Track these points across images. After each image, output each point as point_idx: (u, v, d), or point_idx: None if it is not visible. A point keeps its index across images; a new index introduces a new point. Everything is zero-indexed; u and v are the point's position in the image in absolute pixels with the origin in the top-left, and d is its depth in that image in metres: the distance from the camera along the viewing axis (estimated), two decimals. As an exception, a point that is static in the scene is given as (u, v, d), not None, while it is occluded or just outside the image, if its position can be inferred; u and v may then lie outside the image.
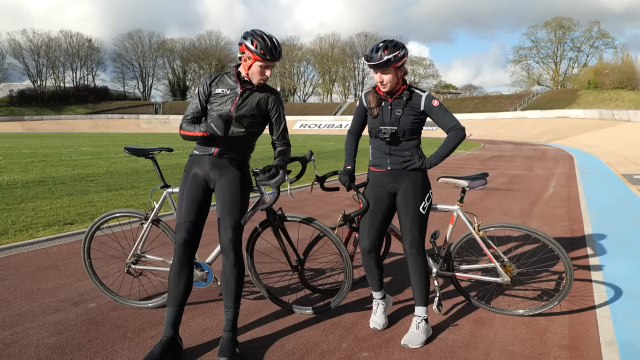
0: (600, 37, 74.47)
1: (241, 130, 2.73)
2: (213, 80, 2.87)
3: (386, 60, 2.73)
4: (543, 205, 7.76)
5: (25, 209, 6.73)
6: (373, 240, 2.99)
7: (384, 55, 2.73)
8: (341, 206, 7.25)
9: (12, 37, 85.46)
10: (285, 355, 2.65)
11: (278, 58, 2.76)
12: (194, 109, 2.85)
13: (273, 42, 2.72)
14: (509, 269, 3.09)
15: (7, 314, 3.12)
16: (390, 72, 2.79)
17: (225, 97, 2.81)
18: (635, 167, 14.11)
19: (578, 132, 39.39)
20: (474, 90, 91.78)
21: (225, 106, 2.79)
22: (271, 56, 2.71)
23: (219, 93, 2.83)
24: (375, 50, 2.78)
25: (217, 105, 2.81)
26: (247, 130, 2.81)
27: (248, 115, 2.81)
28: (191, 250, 2.73)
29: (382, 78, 2.82)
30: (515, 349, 2.74)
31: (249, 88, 2.83)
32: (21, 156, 17.12)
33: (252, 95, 2.84)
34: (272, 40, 2.73)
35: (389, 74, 2.80)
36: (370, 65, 2.82)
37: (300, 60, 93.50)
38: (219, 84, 2.86)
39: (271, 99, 2.89)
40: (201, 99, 2.85)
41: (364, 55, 2.86)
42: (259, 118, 2.87)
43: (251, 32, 2.74)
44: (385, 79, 2.81)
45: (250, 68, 2.76)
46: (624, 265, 4.34)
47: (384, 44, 2.78)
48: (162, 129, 76.18)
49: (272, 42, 2.72)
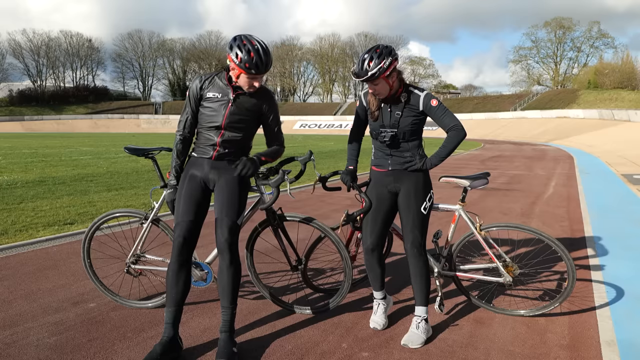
0: (600, 37, 74.52)
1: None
2: (204, 82, 2.78)
3: (371, 75, 2.69)
4: (543, 205, 7.75)
5: (25, 209, 6.73)
6: (376, 238, 2.99)
7: (369, 70, 2.68)
8: (342, 206, 7.25)
9: (12, 37, 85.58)
10: (285, 355, 2.65)
11: (265, 70, 2.63)
12: (187, 118, 2.83)
13: (259, 54, 2.58)
14: (510, 269, 3.09)
15: (7, 314, 3.12)
16: (379, 82, 2.76)
17: (217, 103, 2.75)
18: (635, 167, 14.11)
19: (578, 132, 39.39)
20: (474, 90, 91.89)
21: (218, 112, 2.74)
22: (256, 70, 2.60)
23: (211, 97, 2.75)
24: (361, 64, 2.72)
25: (210, 111, 2.75)
26: (242, 134, 2.80)
27: (241, 120, 2.77)
28: (189, 250, 2.73)
29: (373, 89, 2.80)
30: (515, 349, 2.74)
31: (241, 93, 2.76)
32: (21, 156, 17.12)
33: (245, 100, 2.77)
34: (258, 52, 2.58)
35: (379, 84, 2.77)
36: (359, 81, 2.79)
37: (300, 60, 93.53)
38: (210, 86, 2.77)
39: (265, 103, 2.82)
40: (192, 105, 2.81)
41: (351, 72, 2.81)
42: (253, 121, 2.84)
43: (237, 42, 2.60)
44: (377, 89, 2.79)
45: (238, 78, 2.69)
46: (624, 265, 4.34)
47: (368, 55, 2.71)
48: (162, 129, 76.16)
49: (257, 54, 2.57)
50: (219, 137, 2.77)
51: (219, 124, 2.74)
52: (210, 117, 2.76)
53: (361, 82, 2.77)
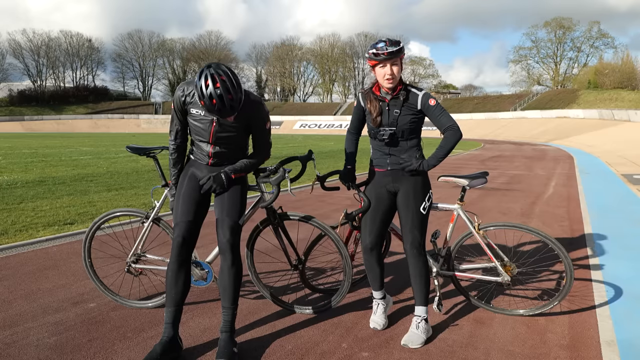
0: (600, 37, 74.55)
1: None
2: (185, 97, 2.67)
3: (398, 50, 2.74)
4: (543, 205, 7.76)
5: (25, 209, 6.73)
6: (375, 238, 2.99)
7: (391, 48, 2.74)
8: (341, 206, 7.25)
9: (12, 37, 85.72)
10: (285, 355, 2.65)
11: (231, 114, 2.48)
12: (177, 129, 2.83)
13: (222, 100, 2.39)
14: (509, 268, 3.09)
15: (7, 314, 3.12)
16: (398, 64, 2.81)
17: (201, 121, 2.68)
18: (635, 167, 14.11)
19: (578, 132, 39.40)
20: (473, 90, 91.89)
21: (204, 131, 2.69)
22: (219, 115, 2.49)
23: (195, 114, 2.68)
24: (378, 45, 2.78)
25: (196, 127, 2.71)
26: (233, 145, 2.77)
27: (228, 136, 2.73)
28: (188, 250, 2.73)
29: (392, 70, 2.79)
30: (515, 349, 2.74)
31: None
32: (21, 156, 17.12)
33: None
34: (221, 98, 2.38)
35: (397, 65, 2.80)
36: (383, 57, 2.73)
37: (300, 60, 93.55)
38: (193, 101, 2.66)
39: (250, 116, 2.70)
40: (179, 116, 2.78)
41: (372, 53, 2.77)
42: (240, 133, 2.76)
43: (200, 82, 2.39)
44: (395, 70, 2.80)
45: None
46: (624, 265, 4.34)
47: (383, 40, 2.79)
48: (163, 129, 76.17)
49: (220, 100, 2.39)
50: (211, 149, 2.78)
51: (207, 140, 2.74)
52: (197, 132, 2.74)
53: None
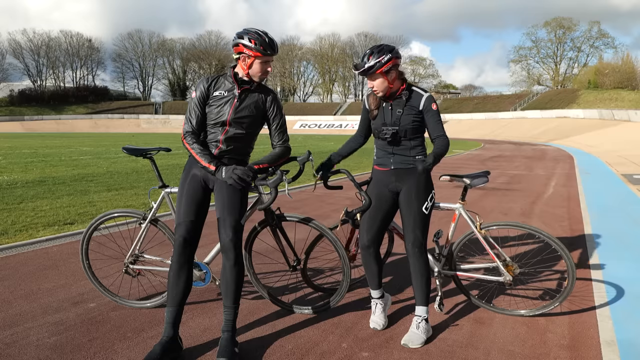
0: (600, 37, 74.51)
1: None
2: (210, 83, 2.85)
3: (369, 67, 2.78)
4: (543, 205, 7.75)
5: (25, 209, 6.73)
6: (373, 236, 3.00)
7: (367, 63, 2.78)
8: (341, 206, 7.24)
9: (12, 37, 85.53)
10: (285, 355, 2.65)
11: (277, 51, 2.81)
12: (196, 117, 2.82)
13: (269, 36, 2.77)
14: (511, 268, 3.09)
15: (7, 314, 3.11)
16: (377, 78, 2.82)
17: (223, 100, 2.81)
18: (635, 167, 14.11)
19: (578, 132, 39.38)
20: (474, 90, 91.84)
21: (224, 109, 2.79)
22: (271, 50, 2.75)
23: (217, 96, 2.82)
24: (362, 58, 2.85)
25: (216, 108, 2.80)
26: (246, 131, 2.83)
27: (247, 116, 2.82)
28: (190, 250, 2.73)
29: (371, 84, 2.88)
30: (515, 349, 2.74)
31: (247, 88, 2.83)
32: (21, 156, 17.11)
33: (250, 96, 2.84)
34: (267, 35, 2.78)
35: (376, 79, 2.83)
36: (357, 73, 2.90)
37: (300, 60, 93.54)
38: (217, 86, 2.85)
39: (269, 99, 2.89)
40: (200, 105, 2.83)
41: (352, 65, 2.91)
42: (257, 118, 2.88)
43: (245, 30, 2.77)
44: (375, 85, 2.86)
45: (250, 67, 2.76)
46: (624, 265, 4.34)
47: (370, 50, 2.84)
48: (162, 129, 76.18)
49: (267, 36, 2.77)
50: (223, 135, 2.80)
51: (225, 119, 2.78)
52: (215, 114, 2.80)
53: (361, 84, 2.81)
